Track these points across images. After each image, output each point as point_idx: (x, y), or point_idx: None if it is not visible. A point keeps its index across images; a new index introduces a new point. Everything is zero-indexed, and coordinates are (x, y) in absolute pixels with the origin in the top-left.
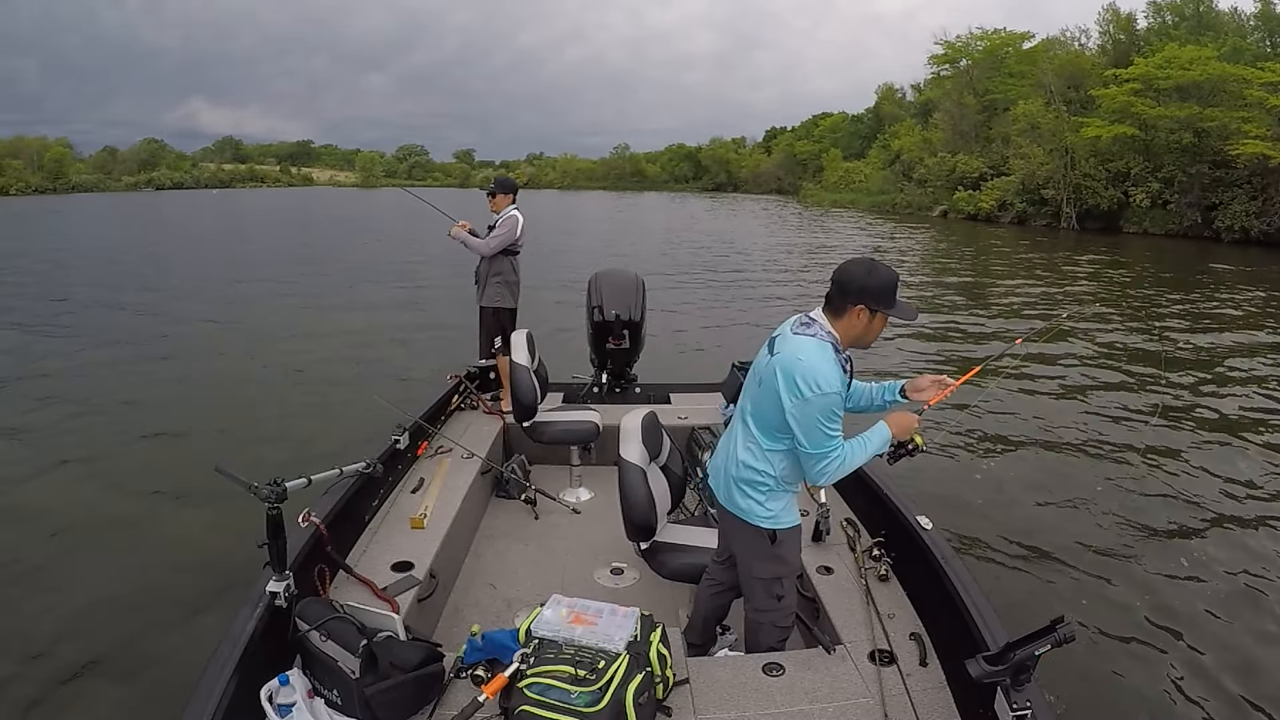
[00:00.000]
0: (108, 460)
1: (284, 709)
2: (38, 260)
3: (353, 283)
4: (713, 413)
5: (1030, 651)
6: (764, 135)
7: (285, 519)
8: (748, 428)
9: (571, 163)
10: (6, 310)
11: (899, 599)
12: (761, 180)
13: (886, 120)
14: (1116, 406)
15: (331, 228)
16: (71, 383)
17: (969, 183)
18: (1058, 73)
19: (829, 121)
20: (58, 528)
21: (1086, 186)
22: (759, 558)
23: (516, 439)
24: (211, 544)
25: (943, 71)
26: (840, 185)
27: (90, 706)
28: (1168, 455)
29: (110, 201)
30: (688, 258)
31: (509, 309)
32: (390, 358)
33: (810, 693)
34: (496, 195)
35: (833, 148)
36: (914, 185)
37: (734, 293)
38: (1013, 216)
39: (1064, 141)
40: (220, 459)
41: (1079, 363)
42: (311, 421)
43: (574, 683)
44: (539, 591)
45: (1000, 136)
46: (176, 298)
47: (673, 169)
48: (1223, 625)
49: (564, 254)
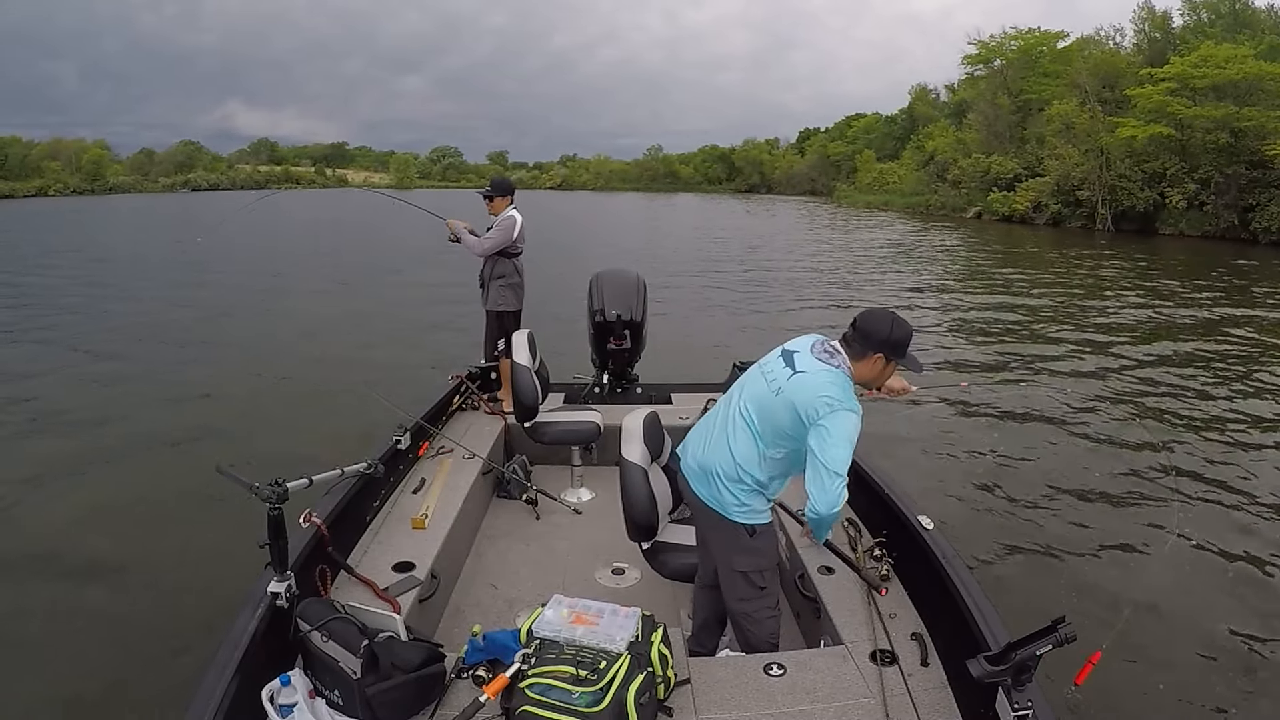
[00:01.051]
0: (107, 460)
1: (285, 709)
2: (34, 263)
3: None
4: None
5: (1032, 651)
6: (797, 136)
7: (286, 519)
8: (749, 429)
9: (605, 164)
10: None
11: (900, 599)
12: (795, 182)
13: (920, 121)
14: (1123, 408)
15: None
16: (72, 381)
17: (1003, 184)
18: (1092, 72)
19: (863, 122)
20: (57, 527)
21: (1122, 188)
22: (738, 550)
23: (518, 439)
24: (212, 544)
25: (976, 71)
26: (874, 186)
27: (90, 706)
28: (1175, 455)
29: (142, 202)
30: (716, 252)
31: (513, 311)
32: (392, 357)
33: (811, 693)
34: (494, 198)
35: (866, 149)
36: (948, 186)
37: (744, 294)
38: (1047, 218)
39: (1099, 142)
40: (221, 459)
41: (1082, 363)
42: (312, 421)
43: (575, 683)
44: (540, 592)
45: (1035, 137)
46: (178, 296)
47: (706, 170)
48: (1224, 625)
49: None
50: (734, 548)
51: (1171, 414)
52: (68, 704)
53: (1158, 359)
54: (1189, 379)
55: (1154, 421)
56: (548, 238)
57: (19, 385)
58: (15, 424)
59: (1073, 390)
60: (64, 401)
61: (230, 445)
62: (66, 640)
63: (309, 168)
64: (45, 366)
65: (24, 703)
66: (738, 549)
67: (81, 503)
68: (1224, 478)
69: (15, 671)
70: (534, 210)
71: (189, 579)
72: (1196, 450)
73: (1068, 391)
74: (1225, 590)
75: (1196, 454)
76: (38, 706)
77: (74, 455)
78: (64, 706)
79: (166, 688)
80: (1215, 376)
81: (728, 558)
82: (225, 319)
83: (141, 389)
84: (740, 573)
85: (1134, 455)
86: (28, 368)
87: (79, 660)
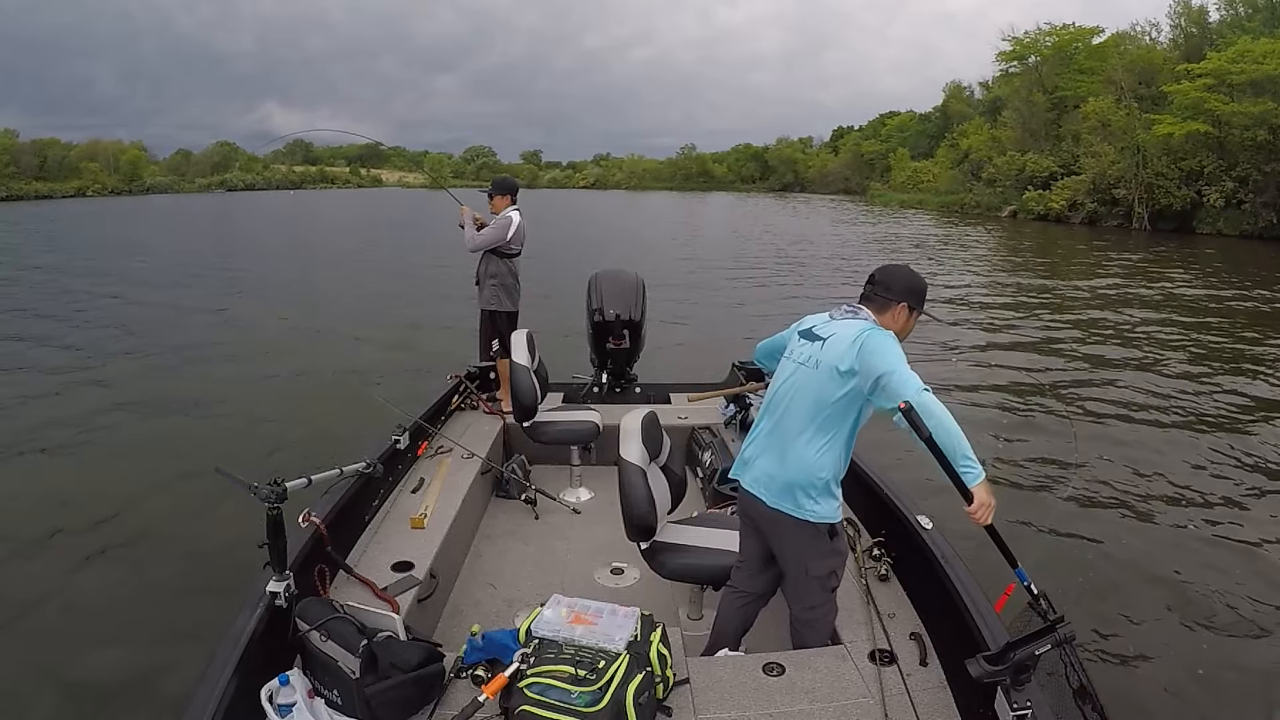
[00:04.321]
0: (107, 460)
1: (284, 709)
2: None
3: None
4: (713, 413)
5: (1030, 651)
6: (831, 135)
7: (285, 519)
8: (809, 422)
9: (638, 163)
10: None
11: (899, 599)
12: (829, 180)
13: (955, 119)
14: (1126, 407)
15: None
16: (70, 382)
17: (1039, 182)
18: (1128, 68)
19: (896, 121)
20: (56, 527)
21: (1159, 186)
22: (816, 555)
23: (517, 439)
24: (211, 544)
25: (1011, 68)
26: (908, 185)
27: (90, 706)
28: (1175, 455)
29: (176, 202)
30: (754, 252)
31: (505, 312)
32: (392, 357)
33: (810, 692)
34: (494, 196)
35: (900, 147)
36: (983, 185)
37: (757, 293)
38: (1083, 217)
39: (1135, 139)
40: (220, 459)
41: (1086, 365)
42: (311, 421)
43: (574, 683)
44: (539, 591)
45: (1070, 134)
46: (180, 295)
47: (739, 169)
48: (1225, 625)
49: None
50: (813, 552)
51: (1185, 417)
52: (67, 703)
53: (1186, 359)
54: (1209, 383)
55: (1157, 422)
56: (576, 234)
57: (15, 385)
58: (10, 424)
59: (1081, 391)
60: (63, 400)
61: (230, 444)
62: (65, 640)
63: (344, 168)
64: (47, 364)
65: (23, 702)
66: (816, 553)
67: (80, 502)
68: (1237, 479)
69: (14, 671)
70: (563, 211)
71: (188, 579)
72: (1205, 450)
73: (1075, 390)
74: (1233, 590)
75: (1205, 454)
76: (36, 706)
77: (72, 454)
78: (63, 706)
79: (166, 687)
80: (1238, 378)
81: (803, 563)
82: (232, 313)
83: (140, 388)
84: (817, 578)
85: (1135, 455)
86: (29, 366)
87: (78, 659)
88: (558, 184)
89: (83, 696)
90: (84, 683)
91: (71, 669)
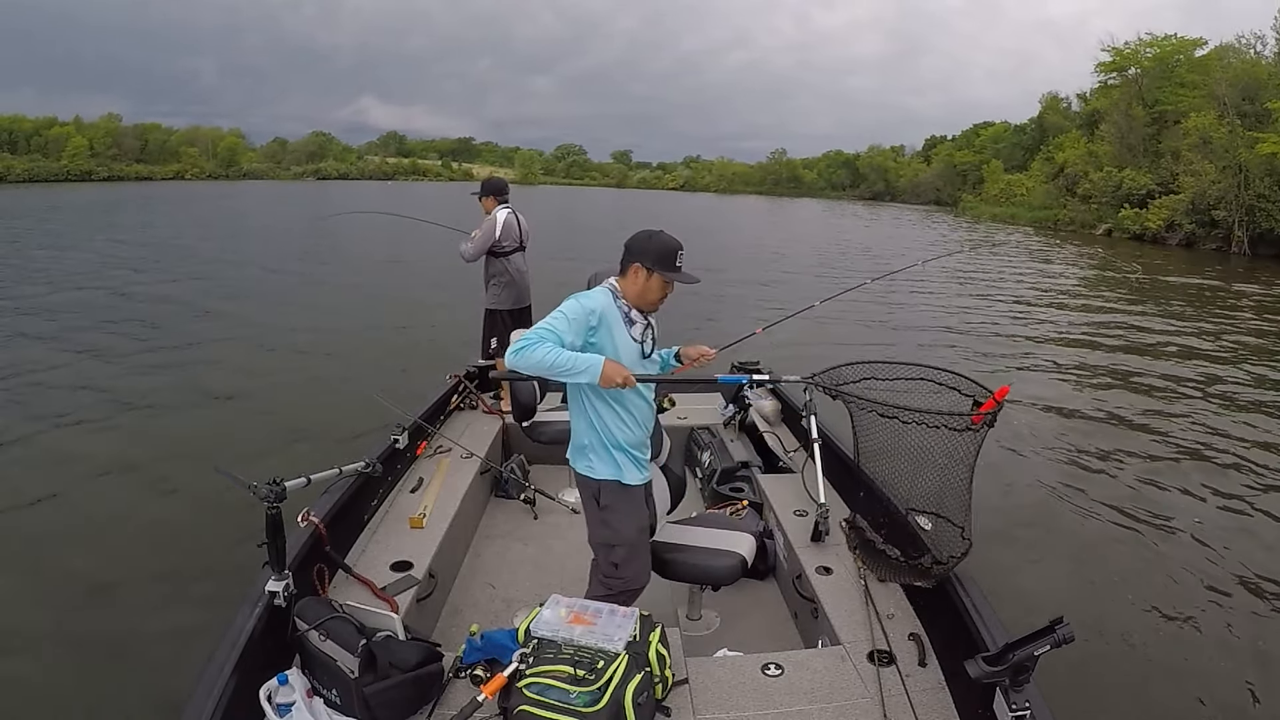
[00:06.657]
0: (106, 460)
1: (283, 708)
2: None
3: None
4: (713, 413)
5: (1029, 652)
6: (923, 144)
7: (284, 518)
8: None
9: (728, 167)
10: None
11: (898, 599)
12: (919, 190)
13: (1051, 131)
14: (1129, 407)
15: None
16: (69, 380)
17: (1135, 200)
18: (1231, 83)
19: (991, 131)
20: (55, 527)
21: (1260, 208)
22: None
23: (516, 439)
24: (210, 544)
25: (1110, 80)
26: (1001, 198)
27: (89, 706)
28: (1176, 454)
29: (269, 189)
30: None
31: (506, 310)
32: (394, 358)
33: (809, 693)
34: (483, 198)
35: (994, 159)
36: (1077, 201)
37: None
38: (1181, 238)
39: (1237, 158)
40: (219, 459)
41: (1089, 364)
42: (311, 421)
43: (573, 683)
44: (538, 591)
45: (1170, 151)
46: (179, 291)
47: (829, 176)
48: (1225, 625)
49: None
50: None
51: (1190, 416)
52: (66, 703)
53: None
54: (1218, 386)
55: (1160, 422)
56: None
57: (14, 383)
58: (6, 421)
59: (1082, 389)
60: (61, 399)
61: (229, 444)
62: (63, 639)
63: (435, 161)
64: (47, 362)
65: (20, 701)
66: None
67: (79, 501)
68: (1239, 479)
69: (12, 671)
70: (644, 215)
71: (187, 578)
72: (1207, 449)
73: (1075, 391)
74: (1233, 589)
75: (1206, 453)
76: (35, 705)
77: (71, 454)
78: (62, 705)
79: (164, 687)
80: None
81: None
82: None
83: (139, 388)
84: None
85: (1140, 455)
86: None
87: (76, 659)
88: (647, 184)
89: (81, 695)
90: (84, 681)
91: (71, 668)
